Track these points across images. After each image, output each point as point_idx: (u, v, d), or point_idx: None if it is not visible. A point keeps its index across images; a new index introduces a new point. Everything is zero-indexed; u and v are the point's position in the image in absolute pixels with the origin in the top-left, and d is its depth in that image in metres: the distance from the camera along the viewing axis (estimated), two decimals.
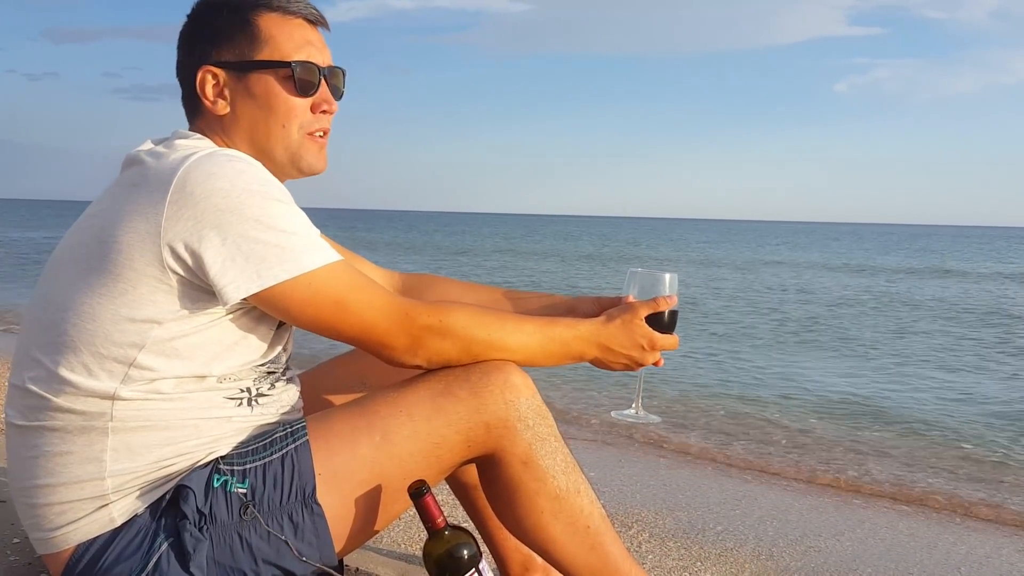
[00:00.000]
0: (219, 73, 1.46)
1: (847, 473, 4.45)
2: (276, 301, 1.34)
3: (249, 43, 1.46)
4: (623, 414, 1.75)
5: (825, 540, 3.05)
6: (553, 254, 34.27)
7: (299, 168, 1.51)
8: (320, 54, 1.51)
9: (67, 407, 1.33)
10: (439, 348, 1.43)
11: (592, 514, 1.51)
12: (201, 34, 1.48)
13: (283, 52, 1.46)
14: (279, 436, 1.43)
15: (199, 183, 1.28)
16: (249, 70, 1.45)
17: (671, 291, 1.63)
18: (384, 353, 1.43)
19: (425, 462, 1.45)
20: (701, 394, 6.68)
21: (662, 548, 2.75)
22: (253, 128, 1.47)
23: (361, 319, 1.38)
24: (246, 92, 1.46)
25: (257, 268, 1.30)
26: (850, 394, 6.92)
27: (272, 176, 1.38)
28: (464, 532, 1.48)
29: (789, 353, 9.52)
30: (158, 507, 1.36)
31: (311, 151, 1.51)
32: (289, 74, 1.46)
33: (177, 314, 1.32)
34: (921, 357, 9.26)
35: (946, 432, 5.56)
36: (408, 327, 1.40)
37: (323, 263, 1.35)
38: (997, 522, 3.70)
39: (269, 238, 1.30)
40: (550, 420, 1.50)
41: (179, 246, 1.28)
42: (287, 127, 1.48)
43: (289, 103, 1.47)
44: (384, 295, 1.41)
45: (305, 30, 1.50)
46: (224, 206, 1.28)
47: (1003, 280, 23.83)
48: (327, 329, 1.39)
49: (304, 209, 1.40)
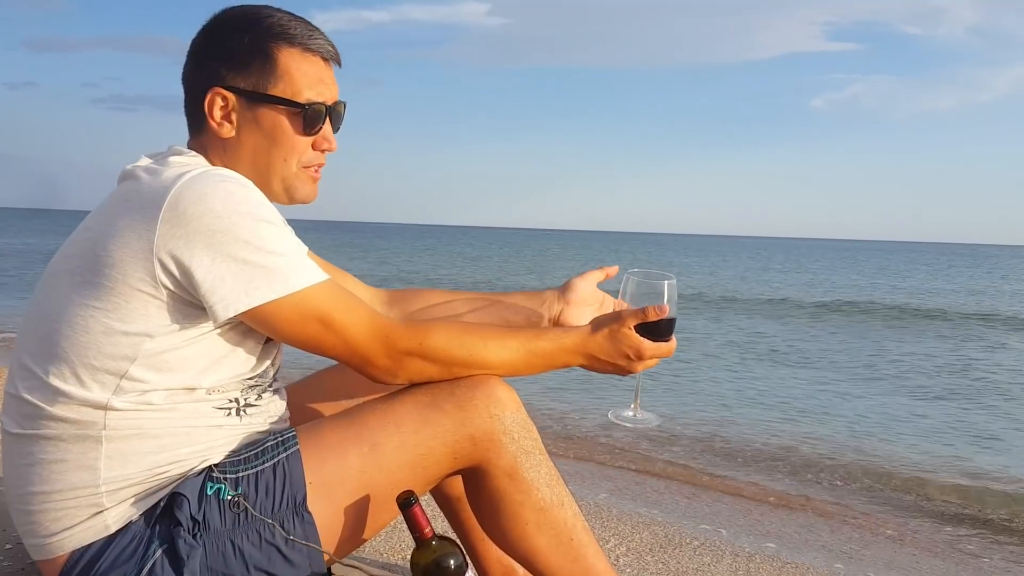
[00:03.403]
0: (229, 97, 1.47)
1: (820, 495, 4.51)
2: (263, 319, 1.38)
3: (265, 75, 1.47)
4: (621, 416, 1.72)
5: (802, 555, 3.09)
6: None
7: (292, 198, 1.54)
8: (330, 91, 1.53)
9: (61, 416, 1.35)
10: (419, 369, 1.47)
11: (576, 527, 1.54)
12: (216, 52, 1.48)
13: (296, 90, 1.48)
14: (270, 445, 1.45)
15: (192, 203, 1.31)
16: (260, 101, 1.48)
17: (669, 297, 1.60)
18: (367, 372, 1.47)
19: (412, 473, 1.48)
20: (681, 410, 6.73)
21: (639, 562, 2.78)
22: (255, 156, 1.50)
23: (345, 339, 1.42)
24: (254, 121, 1.48)
25: (245, 287, 1.33)
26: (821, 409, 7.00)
27: (263, 197, 1.41)
28: (451, 542, 1.51)
29: (769, 370, 9.61)
30: (152, 514, 1.38)
31: (305, 184, 1.54)
32: (299, 112, 1.49)
33: (168, 328, 1.35)
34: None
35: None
36: (389, 349, 1.44)
37: (309, 283, 1.38)
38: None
39: (258, 259, 1.33)
40: (535, 433, 1.53)
41: (170, 263, 1.31)
42: (288, 161, 1.51)
43: (294, 140, 1.50)
44: (368, 316, 1.44)
45: (320, 68, 1.52)
46: (215, 226, 1.31)
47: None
48: (312, 347, 1.42)
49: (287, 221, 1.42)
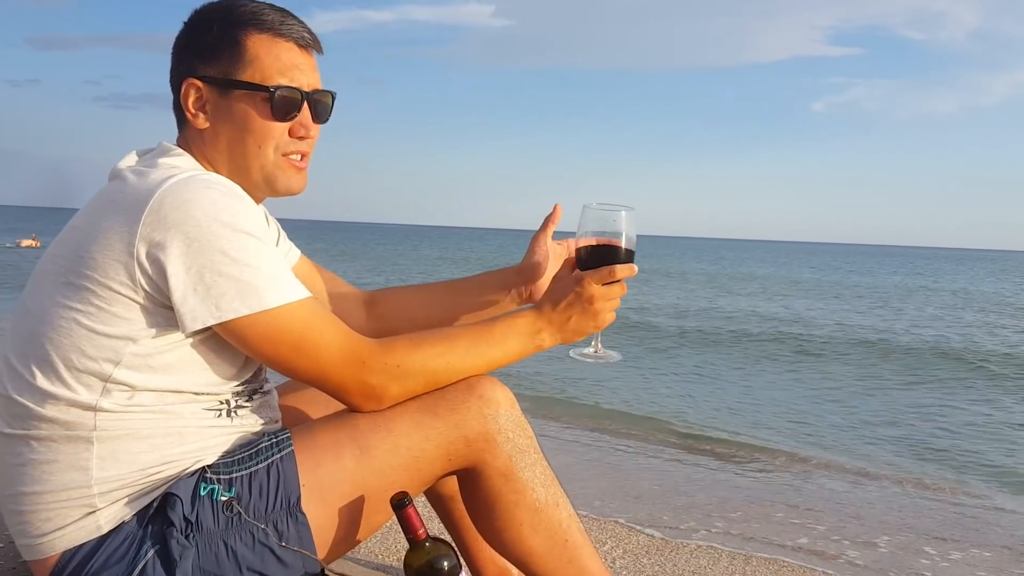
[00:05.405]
0: (202, 87, 1.47)
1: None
2: (235, 335, 1.35)
3: (234, 62, 1.46)
4: (582, 352, 1.67)
5: (795, 556, 3.09)
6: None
7: (274, 189, 1.53)
8: (306, 77, 1.51)
9: (51, 417, 1.34)
10: (401, 391, 1.44)
11: (571, 527, 1.53)
12: (190, 45, 1.49)
13: (266, 75, 1.47)
14: (264, 446, 1.44)
15: (173, 208, 1.30)
16: (230, 88, 1.47)
17: (627, 228, 1.56)
18: (345, 401, 1.45)
19: (406, 475, 1.47)
20: (667, 411, 6.76)
21: (636, 564, 2.78)
22: (231, 146, 1.49)
23: (317, 364, 1.39)
24: (227, 110, 1.47)
25: (217, 300, 1.31)
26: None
27: (248, 206, 1.38)
28: (444, 544, 1.51)
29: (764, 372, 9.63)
30: (145, 515, 1.37)
31: (287, 173, 1.52)
32: (267, 98, 1.47)
33: (151, 332, 1.33)
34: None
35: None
36: (364, 378, 1.41)
37: (283, 302, 1.34)
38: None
39: (232, 271, 1.31)
40: (529, 432, 1.52)
41: (149, 267, 1.30)
42: (263, 148, 1.49)
43: (266, 126, 1.48)
44: (341, 343, 1.40)
45: (293, 53, 1.50)
46: (194, 235, 1.29)
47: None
48: (284, 369, 1.40)
49: (279, 220, 1.39)
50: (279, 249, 1.71)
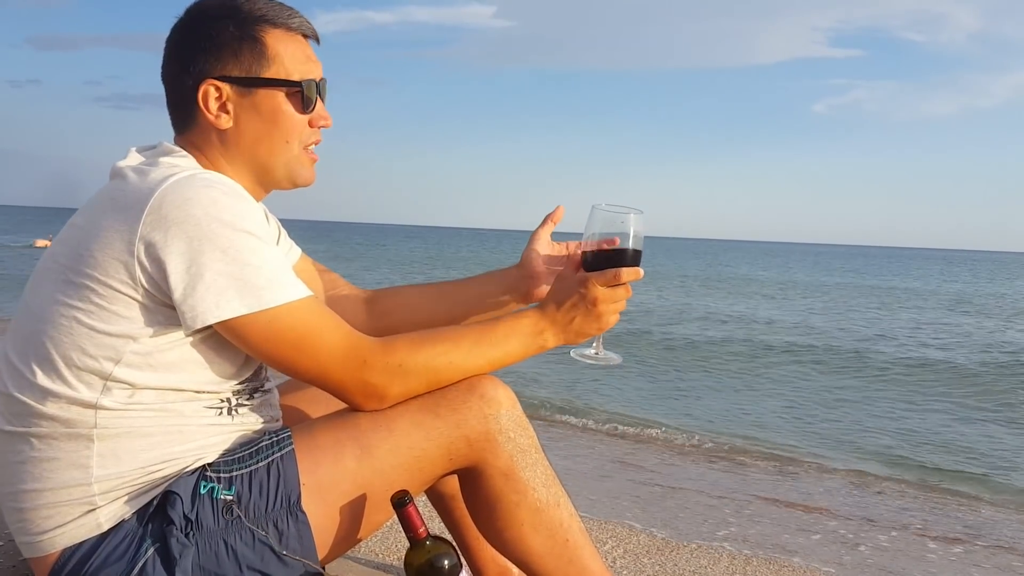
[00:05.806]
0: (223, 87, 1.46)
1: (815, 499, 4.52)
2: (235, 334, 1.35)
3: (257, 60, 1.47)
4: (582, 353, 1.65)
5: (796, 556, 3.09)
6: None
7: (293, 181, 1.54)
8: (316, 68, 1.53)
9: (51, 415, 1.34)
10: (403, 391, 1.44)
11: (571, 527, 1.53)
12: (201, 46, 1.47)
13: (288, 70, 1.48)
14: (265, 444, 1.44)
15: (174, 207, 1.29)
16: (256, 86, 1.47)
17: (635, 231, 1.54)
18: (346, 400, 1.45)
19: (407, 474, 1.47)
20: (667, 412, 6.75)
21: (636, 564, 2.77)
22: (255, 143, 1.49)
23: (318, 362, 1.38)
24: (252, 108, 1.48)
25: (217, 299, 1.30)
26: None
27: (249, 205, 1.37)
28: (445, 542, 1.50)
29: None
30: (145, 513, 1.37)
31: (306, 166, 1.54)
32: (297, 92, 1.49)
33: (151, 331, 1.33)
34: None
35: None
36: (365, 376, 1.40)
37: (284, 300, 1.34)
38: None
39: (233, 270, 1.31)
40: (531, 432, 1.52)
41: (149, 266, 1.29)
42: (290, 143, 1.50)
43: (294, 120, 1.50)
44: (343, 342, 1.39)
45: (304, 46, 1.53)
46: (194, 234, 1.29)
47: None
48: (285, 368, 1.40)
49: (282, 220, 1.39)
50: (279, 248, 1.71)
